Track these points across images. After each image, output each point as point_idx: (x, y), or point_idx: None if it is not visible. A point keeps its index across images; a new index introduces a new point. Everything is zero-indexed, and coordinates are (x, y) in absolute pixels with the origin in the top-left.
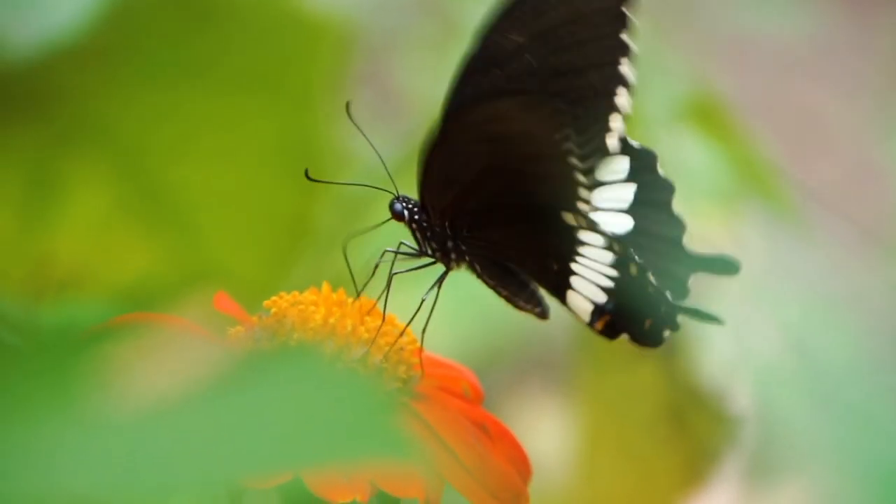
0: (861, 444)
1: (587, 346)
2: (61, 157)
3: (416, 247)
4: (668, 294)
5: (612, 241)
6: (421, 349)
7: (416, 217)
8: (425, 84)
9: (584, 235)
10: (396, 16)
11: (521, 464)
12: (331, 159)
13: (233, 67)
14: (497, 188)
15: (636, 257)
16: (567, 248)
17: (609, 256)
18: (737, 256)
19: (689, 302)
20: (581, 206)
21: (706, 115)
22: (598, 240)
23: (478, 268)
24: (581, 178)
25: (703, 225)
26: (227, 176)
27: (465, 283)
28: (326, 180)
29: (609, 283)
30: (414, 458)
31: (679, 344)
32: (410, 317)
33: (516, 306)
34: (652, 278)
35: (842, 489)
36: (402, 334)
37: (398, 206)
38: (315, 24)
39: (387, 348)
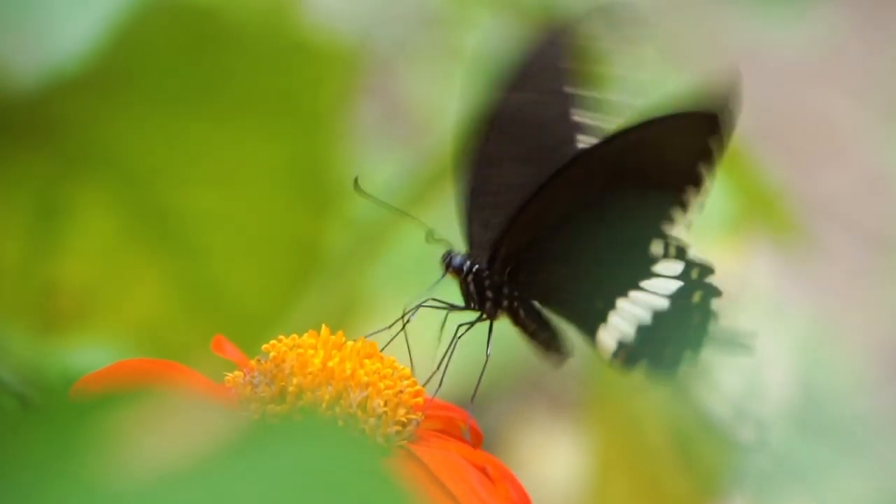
0: (863, 473)
1: (596, 371)
2: (67, 184)
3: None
4: (712, 323)
5: (693, 268)
6: (422, 391)
7: (476, 268)
8: (433, 97)
9: (660, 266)
10: (402, 29)
11: None
12: (340, 182)
13: (239, 92)
14: (593, 222)
15: (709, 282)
16: (632, 280)
17: (674, 286)
18: (744, 284)
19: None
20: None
21: None
22: (675, 269)
23: (521, 313)
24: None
25: (711, 253)
26: (235, 201)
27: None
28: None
29: (647, 318)
30: None
31: (687, 371)
32: (438, 361)
33: (547, 349)
34: (713, 304)
35: None
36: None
37: (458, 259)
38: (321, 48)
39: (387, 392)
